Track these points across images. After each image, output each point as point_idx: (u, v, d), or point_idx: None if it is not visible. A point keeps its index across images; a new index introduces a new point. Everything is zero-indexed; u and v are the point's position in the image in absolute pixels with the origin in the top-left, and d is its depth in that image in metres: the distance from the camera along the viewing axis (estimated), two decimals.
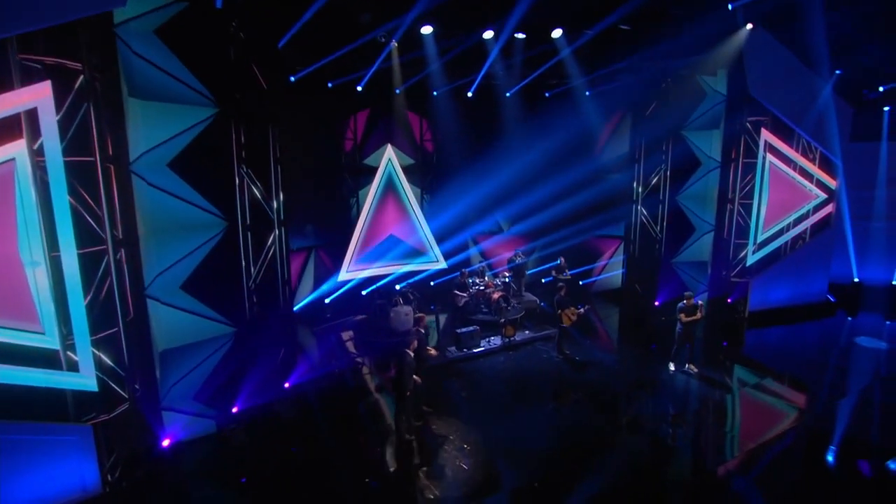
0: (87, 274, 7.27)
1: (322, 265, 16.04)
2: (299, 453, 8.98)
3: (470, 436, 9.49)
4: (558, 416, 10.28)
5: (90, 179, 7.30)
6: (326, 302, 15.88)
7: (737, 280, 15.22)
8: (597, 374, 11.97)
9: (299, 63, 13.03)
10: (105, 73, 7.36)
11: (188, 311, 8.91)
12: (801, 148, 15.19)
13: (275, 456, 8.86)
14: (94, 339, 7.36)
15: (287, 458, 8.84)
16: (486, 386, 11.60)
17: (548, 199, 17.91)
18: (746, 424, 10.01)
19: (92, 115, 7.20)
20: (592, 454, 8.88)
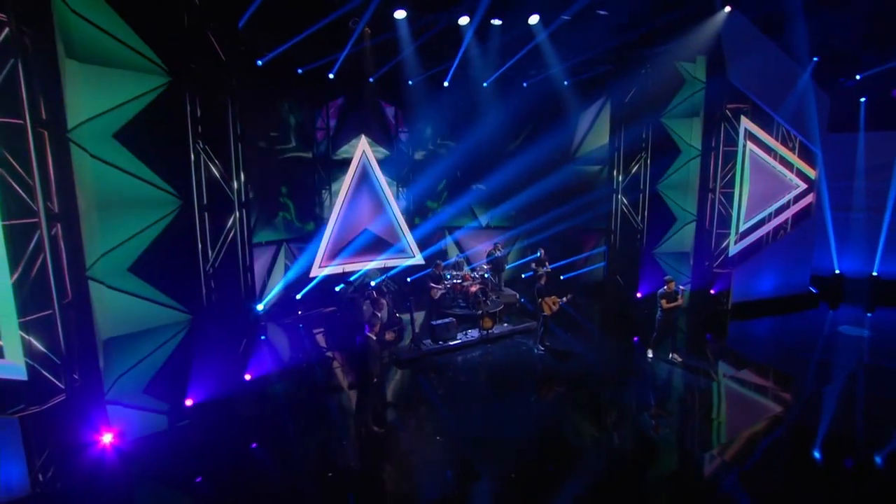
0: (15, 248, 6.51)
1: (293, 260, 15.28)
2: (258, 450, 8.22)
3: (442, 428, 8.82)
4: (536, 408, 9.67)
5: (19, 144, 6.55)
6: (297, 298, 15.12)
7: (719, 271, 14.83)
8: (577, 365, 11.39)
9: (266, 47, 12.40)
10: (36, 28, 6.63)
11: (137, 296, 8.15)
12: (780, 137, 14.90)
13: (232, 453, 8.08)
14: (22, 321, 6.58)
15: (246, 455, 8.07)
16: (461, 379, 10.95)
17: (528, 192, 17.43)
18: (729, 416, 9.50)
19: (20, 72, 6.46)
20: (569, 446, 8.28)
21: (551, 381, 10.72)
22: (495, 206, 17.75)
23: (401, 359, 11.68)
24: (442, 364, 11.58)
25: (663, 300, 11.20)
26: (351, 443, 8.46)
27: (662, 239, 14.82)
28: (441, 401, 9.97)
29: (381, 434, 8.61)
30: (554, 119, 16.61)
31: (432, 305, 13.66)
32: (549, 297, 11.91)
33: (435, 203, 17.62)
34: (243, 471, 7.62)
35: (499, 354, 12.15)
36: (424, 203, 17.40)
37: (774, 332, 13.81)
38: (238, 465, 7.77)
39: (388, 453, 8.17)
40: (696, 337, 13.20)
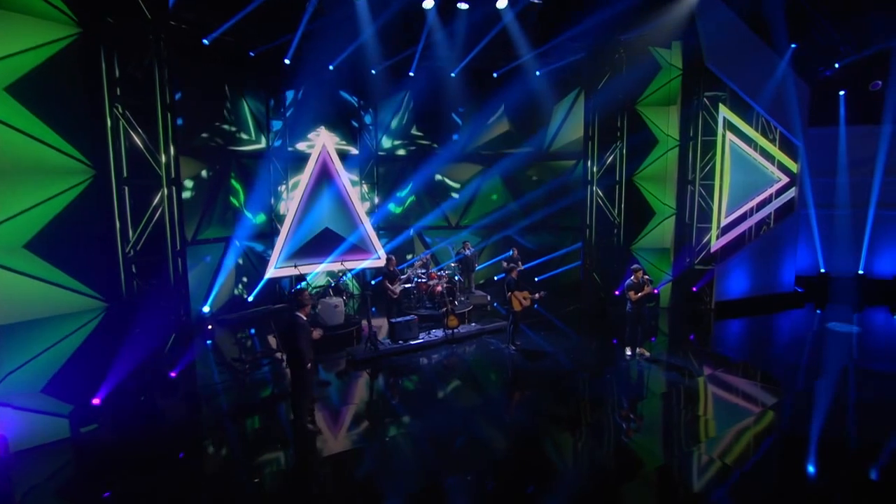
0: None
1: (246, 258, 14.18)
2: (183, 460, 7.06)
3: (392, 429, 7.75)
4: (501, 410, 8.66)
5: None
6: (249, 300, 14.01)
7: (701, 268, 14.05)
8: (549, 365, 10.43)
9: (213, 26, 11.53)
10: None
11: (34, 277, 7.01)
12: (759, 127, 14.31)
13: (149, 463, 6.91)
14: None
15: (168, 465, 6.91)
16: (421, 379, 9.93)
17: (500, 188, 16.64)
18: (708, 420, 8.54)
19: None
20: (533, 450, 7.26)
21: (521, 383, 9.73)
22: (466, 204, 16.87)
23: (356, 359, 10.60)
24: (401, 365, 10.54)
25: (630, 292, 10.33)
26: (284, 446, 7.34)
27: (641, 234, 14.04)
28: (396, 403, 8.92)
29: (317, 433, 7.52)
30: (526, 112, 15.87)
31: (391, 304, 12.62)
32: (520, 292, 10.95)
33: (401, 201, 16.69)
34: (162, 483, 6.45)
35: (465, 355, 11.13)
36: (390, 200, 16.46)
37: (759, 332, 12.99)
38: (156, 476, 6.60)
39: (324, 458, 7.06)
40: (677, 337, 12.33)
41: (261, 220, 14.47)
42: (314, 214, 15.08)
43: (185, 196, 12.43)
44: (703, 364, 10.50)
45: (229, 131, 13.42)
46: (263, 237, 14.46)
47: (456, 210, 16.88)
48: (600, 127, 13.55)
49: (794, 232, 15.11)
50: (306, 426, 7.58)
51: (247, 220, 14.15)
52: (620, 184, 13.76)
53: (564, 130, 15.92)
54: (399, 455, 7.12)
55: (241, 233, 13.97)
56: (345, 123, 15.51)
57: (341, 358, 10.76)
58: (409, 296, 13.89)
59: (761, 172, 14.46)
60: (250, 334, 12.50)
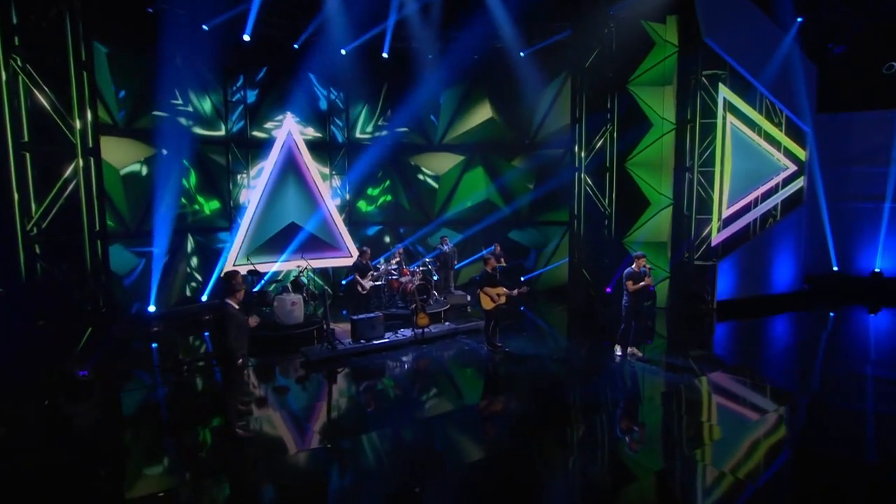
0: None
1: (200, 253, 13.22)
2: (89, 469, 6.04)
3: (338, 436, 6.74)
4: (465, 416, 7.64)
5: None
6: (203, 298, 13.02)
7: (702, 263, 13.05)
8: (529, 367, 9.43)
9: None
10: None
11: None
12: (764, 110, 13.42)
13: (43, 471, 5.88)
14: None
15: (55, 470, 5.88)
16: (379, 382, 8.98)
17: (481, 179, 15.73)
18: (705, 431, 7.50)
19: None
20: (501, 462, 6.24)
21: (495, 386, 8.74)
22: (445, 196, 15.93)
23: (309, 359, 9.60)
24: (361, 366, 9.53)
25: (629, 281, 9.32)
26: (211, 452, 6.33)
27: (634, 226, 13.08)
28: (345, 408, 7.91)
29: (249, 438, 6.51)
30: (511, 98, 14.99)
31: (360, 301, 11.64)
32: (493, 288, 9.85)
33: (375, 193, 15.79)
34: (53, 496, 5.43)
35: (435, 356, 10.12)
36: (363, 193, 15.59)
37: (766, 334, 11.96)
38: (48, 486, 5.58)
39: (253, 462, 6.04)
40: (675, 339, 11.30)
41: (218, 211, 13.51)
42: (278, 207, 14.19)
43: (129, 180, 11.51)
44: (702, 367, 9.45)
45: (182, 113, 12.51)
46: (221, 230, 13.50)
47: (434, 203, 15.92)
48: (588, 108, 12.71)
49: (803, 225, 14.17)
50: (235, 432, 6.57)
51: (202, 210, 13.20)
52: (611, 171, 12.87)
53: (552, 117, 15.02)
54: (338, 466, 6.09)
55: (195, 224, 13.01)
56: (313, 109, 14.63)
57: (297, 359, 9.76)
58: (380, 294, 12.91)
59: (766, 160, 13.55)
60: (203, 336, 11.49)
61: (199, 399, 8.03)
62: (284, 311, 11.06)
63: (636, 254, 9.55)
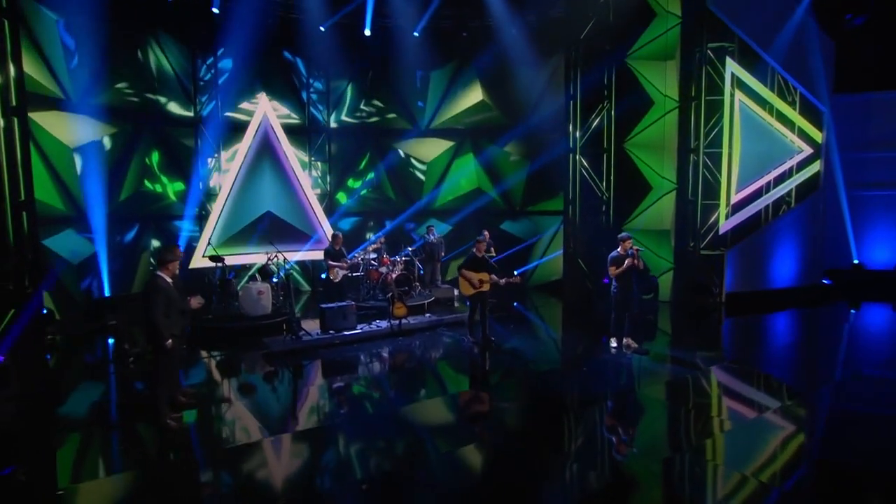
0: None
1: (167, 242, 12.65)
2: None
3: (277, 434, 6.12)
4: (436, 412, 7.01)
5: None
6: None
7: (709, 253, 12.36)
8: (512, 360, 8.85)
9: None
10: None
11: None
12: (776, 87, 12.76)
13: None
14: None
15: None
16: (345, 376, 8.39)
17: (471, 166, 15.15)
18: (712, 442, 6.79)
19: None
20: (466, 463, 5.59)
21: (474, 380, 8.09)
22: (434, 184, 15.37)
23: (271, 350, 8.99)
24: (329, 360, 8.91)
25: (612, 266, 8.65)
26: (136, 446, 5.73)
27: (634, 212, 12.45)
28: (299, 403, 7.30)
29: (177, 430, 5.91)
30: (504, 78, 14.41)
31: (332, 291, 11.05)
32: (476, 273, 9.19)
33: (358, 181, 15.24)
34: None
35: (411, 349, 9.51)
36: (345, 180, 15.05)
37: (780, 332, 11.21)
38: None
39: (184, 456, 5.42)
40: (677, 333, 10.60)
41: (184, 195, 12.98)
42: (253, 194, 13.69)
43: (83, 159, 11.01)
44: (702, 359, 8.77)
45: (145, 90, 12.04)
46: (190, 218, 12.97)
47: (421, 192, 15.34)
48: (584, 85, 12.10)
49: (821, 213, 13.44)
50: (167, 423, 5.96)
51: (166, 195, 12.68)
52: (609, 152, 12.32)
53: (548, 100, 14.38)
54: (278, 465, 5.47)
55: (159, 210, 12.49)
56: (291, 90, 14.13)
57: (259, 351, 9.15)
58: (358, 286, 12.32)
59: (778, 141, 12.88)
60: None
61: (132, 390, 7.44)
62: (250, 301, 10.48)
63: (621, 235, 8.89)
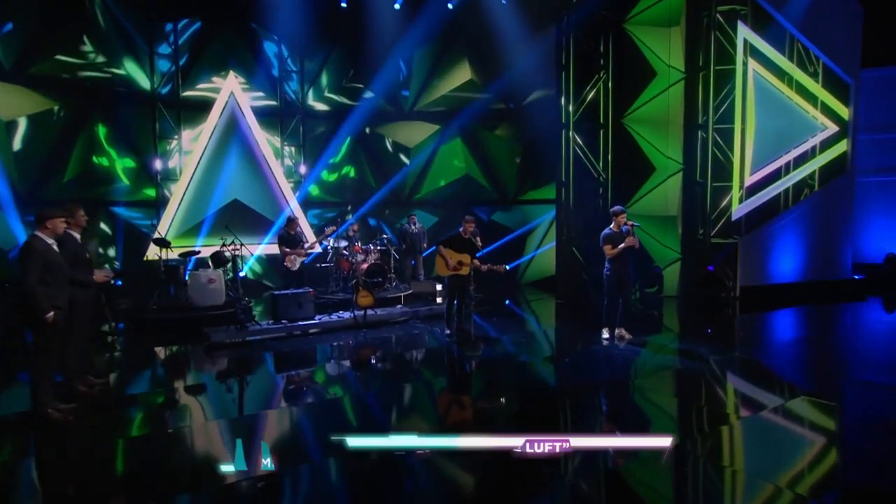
0: None
1: (116, 232, 12.08)
2: None
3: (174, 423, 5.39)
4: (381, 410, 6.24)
5: None
6: (118, 283, 11.82)
7: (720, 241, 11.52)
8: (492, 354, 8.04)
9: None
10: None
11: None
12: (795, 56, 11.97)
13: None
14: None
15: None
16: (287, 372, 7.63)
17: (459, 151, 14.49)
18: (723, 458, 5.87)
19: None
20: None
21: (446, 379, 7.30)
22: (419, 172, 14.75)
23: (212, 341, 8.27)
24: (280, 354, 8.17)
25: (607, 245, 7.89)
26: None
27: (635, 196, 11.67)
28: (222, 395, 6.59)
29: (61, 422, 5.19)
30: (493, 55, 13.77)
31: (290, 280, 10.39)
32: (455, 252, 8.39)
33: (335, 168, 14.59)
34: None
35: (376, 343, 8.75)
36: (321, 167, 14.38)
37: (801, 331, 10.20)
38: None
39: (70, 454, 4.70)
40: (688, 331, 9.71)
41: (138, 179, 12.41)
42: (219, 181, 13.11)
43: (20, 136, 10.47)
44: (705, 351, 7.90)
45: (94, 62, 11.53)
46: (144, 206, 12.39)
47: (406, 180, 14.69)
48: (578, 52, 11.38)
49: (848, 199, 12.57)
50: (45, 413, 5.23)
51: (119, 181, 12.10)
52: (606, 128, 11.56)
53: (544, 75, 13.67)
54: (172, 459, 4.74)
55: (111, 198, 11.91)
56: (261, 68, 13.57)
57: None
58: (328, 278, 11.65)
59: (799, 117, 12.08)
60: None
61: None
62: (198, 290, 9.80)
63: (614, 209, 8.14)
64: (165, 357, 8.31)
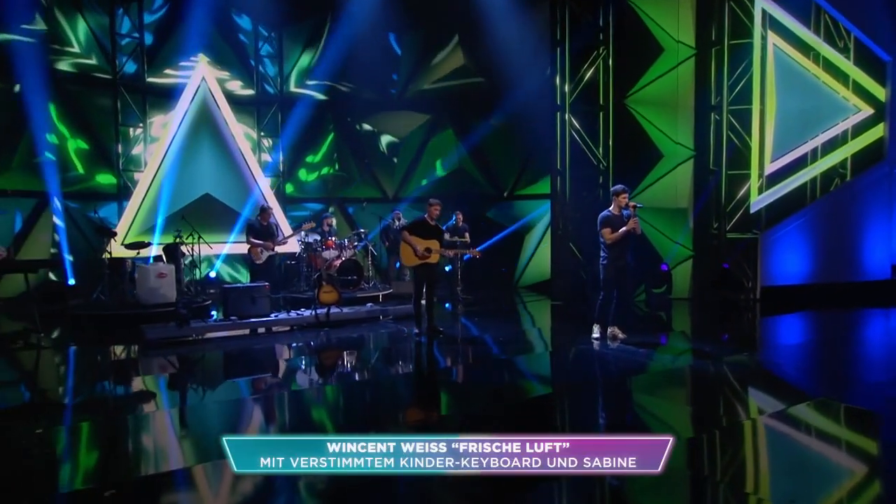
0: None
1: (73, 226, 11.68)
2: None
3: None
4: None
5: None
6: (70, 282, 11.41)
7: (737, 236, 10.82)
8: (467, 352, 7.59)
9: None
10: None
11: None
12: (822, 29, 11.23)
13: None
14: None
15: None
16: (218, 373, 7.02)
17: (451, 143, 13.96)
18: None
19: None
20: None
21: (409, 386, 6.59)
22: (407, 166, 14.33)
23: (146, 337, 7.70)
24: (231, 353, 7.64)
25: (606, 229, 7.24)
26: None
27: (640, 186, 11.01)
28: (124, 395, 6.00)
29: None
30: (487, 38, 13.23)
31: (256, 274, 9.86)
32: (423, 240, 7.74)
33: (316, 160, 14.25)
34: None
35: (337, 343, 8.12)
36: (301, 161, 14.05)
37: (832, 338, 9.16)
38: None
39: None
40: (702, 336, 8.88)
41: (100, 172, 12.05)
42: (188, 174, 12.73)
43: None
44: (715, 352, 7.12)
45: (45, 40, 11.21)
46: (104, 198, 12.01)
47: (393, 174, 14.16)
48: (573, 25, 10.81)
49: (885, 190, 11.71)
50: None
51: (74, 170, 11.76)
52: (606, 110, 11.03)
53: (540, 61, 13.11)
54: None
55: (64, 189, 11.51)
56: (235, 52, 13.27)
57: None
58: (299, 275, 11.14)
59: (827, 97, 11.34)
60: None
61: None
62: (146, 286, 9.26)
63: (615, 188, 7.54)
64: (78, 356, 7.72)
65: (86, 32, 11.77)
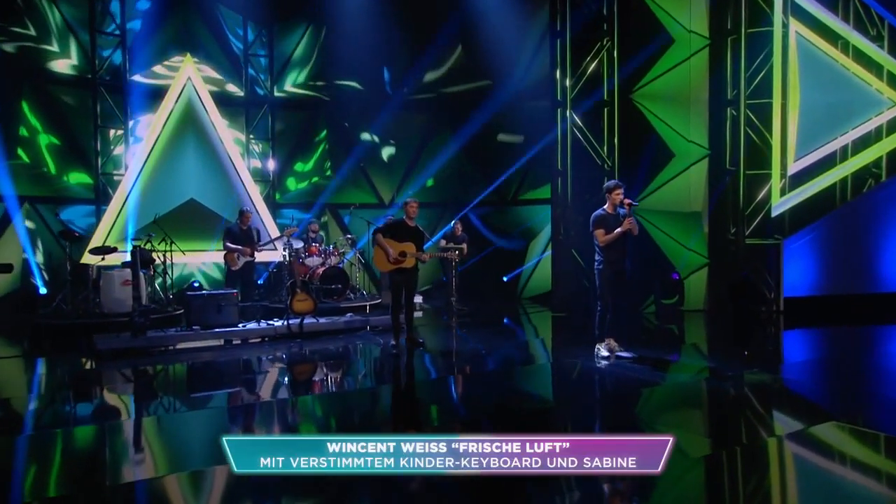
0: None
1: (46, 231, 11.51)
2: None
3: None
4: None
5: None
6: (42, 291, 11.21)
7: (757, 242, 10.29)
8: (449, 365, 7.20)
9: None
10: None
11: None
12: (851, 16, 10.71)
13: None
14: None
15: None
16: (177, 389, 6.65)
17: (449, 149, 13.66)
18: None
19: None
20: None
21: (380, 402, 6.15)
22: (405, 170, 14.09)
23: (97, 348, 7.38)
24: (195, 368, 7.28)
25: (599, 230, 6.79)
26: None
27: (649, 187, 10.55)
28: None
29: None
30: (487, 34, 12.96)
31: (232, 281, 9.56)
32: (399, 243, 7.34)
33: (308, 166, 13.99)
34: None
35: (308, 357, 7.75)
36: (292, 166, 13.83)
37: (865, 354, 8.46)
38: None
39: None
40: (719, 352, 8.28)
41: (77, 175, 11.88)
42: (173, 179, 12.52)
43: None
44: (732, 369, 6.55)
45: (22, 38, 11.13)
46: (81, 202, 11.86)
47: (391, 180, 13.85)
48: (575, 15, 10.42)
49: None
50: None
51: (49, 174, 11.62)
52: (611, 106, 10.60)
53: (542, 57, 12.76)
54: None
55: (39, 193, 11.40)
56: (223, 51, 13.08)
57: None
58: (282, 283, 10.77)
59: (858, 90, 10.80)
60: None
61: None
62: (111, 294, 8.98)
63: (608, 184, 7.07)
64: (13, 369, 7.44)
65: (62, 26, 11.68)
